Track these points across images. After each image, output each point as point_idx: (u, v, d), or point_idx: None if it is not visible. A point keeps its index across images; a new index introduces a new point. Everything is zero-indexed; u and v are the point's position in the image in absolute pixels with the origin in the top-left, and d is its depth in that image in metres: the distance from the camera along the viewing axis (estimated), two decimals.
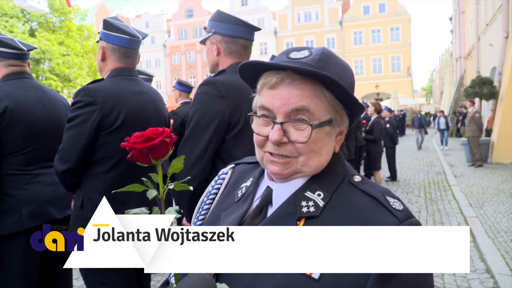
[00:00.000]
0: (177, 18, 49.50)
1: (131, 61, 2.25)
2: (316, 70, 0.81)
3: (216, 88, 1.96)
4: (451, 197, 7.84)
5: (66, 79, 25.62)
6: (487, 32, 16.60)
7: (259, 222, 0.88)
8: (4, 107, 2.22)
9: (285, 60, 0.87)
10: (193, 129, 1.95)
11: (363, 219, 0.79)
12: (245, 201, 0.95)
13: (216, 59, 2.16)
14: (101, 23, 2.23)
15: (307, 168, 0.87)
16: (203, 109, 1.95)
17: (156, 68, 49.08)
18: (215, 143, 1.94)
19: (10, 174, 2.28)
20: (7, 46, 2.38)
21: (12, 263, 2.26)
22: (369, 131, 8.42)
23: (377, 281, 0.72)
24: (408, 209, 0.82)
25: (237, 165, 1.12)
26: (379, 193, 0.84)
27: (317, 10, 43.99)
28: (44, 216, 2.32)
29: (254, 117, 0.91)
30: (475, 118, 11.86)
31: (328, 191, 0.86)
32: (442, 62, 48.18)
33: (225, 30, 2.10)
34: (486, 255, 4.58)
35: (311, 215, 0.82)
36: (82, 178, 2.09)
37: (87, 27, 27.99)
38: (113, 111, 2.05)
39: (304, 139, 0.84)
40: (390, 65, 42.05)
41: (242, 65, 0.89)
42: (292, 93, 0.83)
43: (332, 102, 0.86)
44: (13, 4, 23.80)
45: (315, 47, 0.91)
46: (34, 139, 2.34)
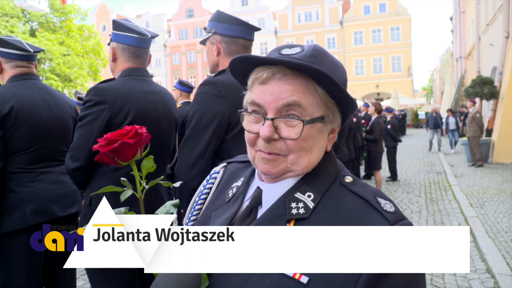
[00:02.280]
0: (178, 18, 49.49)
1: (142, 60, 2.28)
2: (307, 63, 0.79)
3: (216, 88, 1.96)
4: (452, 197, 7.83)
5: (66, 79, 25.60)
6: (487, 32, 16.59)
7: (249, 224, 0.86)
8: (10, 107, 2.27)
9: (277, 56, 0.85)
10: (193, 129, 1.95)
11: (353, 221, 0.78)
12: (236, 202, 0.94)
13: (216, 59, 2.17)
14: (101, 23, 2.25)
15: (296, 166, 0.85)
16: (203, 109, 1.95)
17: (156, 68, 49.09)
18: (215, 143, 1.95)
19: (15, 172, 2.32)
20: (14, 47, 2.43)
21: (15, 260, 2.29)
22: (369, 131, 8.42)
23: (366, 286, 0.71)
24: (400, 211, 0.80)
25: (229, 164, 1.10)
26: (370, 195, 0.82)
27: (317, 10, 43.97)
28: (47, 213, 2.36)
29: (245, 114, 0.89)
30: (476, 118, 11.86)
31: (318, 192, 0.84)
32: (443, 62, 48.16)
33: (225, 30, 2.11)
34: (487, 255, 4.58)
35: (301, 217, 0.81)
36: (92, 176, 2.11)
37: (88, 27, 27.94)
38: (122, 110, 2.07)
39: (295, 136, 0.82)
40: (391, 65, 42.02)
41: (233, 60, 0.87)
42: (283, 88, 0.82)
43: (324, 98, 0.84)
44: (13, 4, 23.80)
45: (308, 44, 0.89)
46: (39, 138, 2.39)
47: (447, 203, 7.39)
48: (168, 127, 2.32)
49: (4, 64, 2.45)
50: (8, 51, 2.43)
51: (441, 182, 9.53)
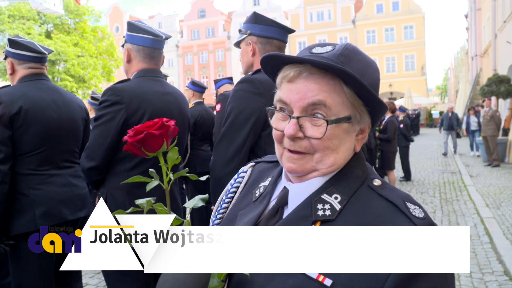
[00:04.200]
0: (190, 18, 49.74)
1: (156, 61, 2.29)
2: (334, 64, 0.79)
3: (253, 86, 2.01)
4: (467, 197, 7.71)
5: (80, 80, 25.97)
6: (504, 29, 16.28)
7: (274, 224, 0.86)
8: (18, 107, 2.26)
9: (307, 54, 0.86)
10: (230, 125, 1.99)
11: (380, 225, 0.76)
12: (262, 201, 0.94)
13: (251, 59, 2.21)
14: (115, 24, 2.27)
15: (322, 165, 0.84)
16: (240, 106, 1.99)
17: (169, 68, 49.42)
18: (252, 139, 1.99)
19: (25, 174, 2.31)
20: (28, 49, 2.43)
21: (27, 260, 2.30)
22: (382, 131, 8.35)
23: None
24: (429, 217, 0.78)
25: (257, 164, 1.11)
26: (399, 199, 0.81)
27: (329, 9, 43.74)
28: (56, 216, 2.35)
29: (274, 111, 0.90)
30: (495, 117, 11.64)
31: (346, 195, 0.83)
32: (457, 60, 47.45)
33: (261, 31, 2.15)
34: (504, 257, 4.49)
35: (327, 218, 0.80)
36: (106, 175, 2.13)
37: (101, 28, 28.29)
38: (138, 111, 2.10)
39: (320, 135, 0.81)
40: (404, 64, 41.57)
41: (262, 59, 0.89)
42: (309, 87, 0.81)
43: (351, 98, 0.83)
44: (29, 7, 24.23)
45: (340, 43, 0.88)
46: (48, 139, 2.38)
47: (463, 203, 7.28)
48: (182, 128, 2.33)
49: (16, 66, 2.45)
50: (21, 53, 2.42)
51: (456, 182, 9.38)
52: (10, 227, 2.26)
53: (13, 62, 2.45)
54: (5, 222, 2.25)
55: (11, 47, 2.43)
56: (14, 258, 2.32)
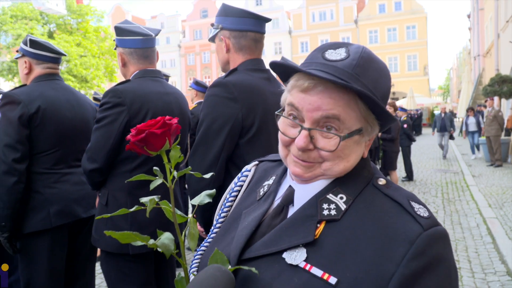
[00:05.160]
0: (192, 18, 49.80)
1: (150, 60, 2.29)
2: (351, 84, 0.77)
3: (227, 90, 1.83)
4: (470, 197, 7.69)
5: (83, 80, 26.02)
6: (507, 29, 16.22)
7: (279, 222, 0.86)
8: (37, 106, 2.31)
9: (320, 60, 0.83)
10: (204, 135, 1.83)
11: (385, 224, 0.76)
12: (267, 200, 0.93)
13: (226, 56, 2.03)
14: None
15: (331, 172, 0.84)
16: (213, 113, 1.83)
17: (171, 68, 49.49)
18: (228, 149, 1.82)
19: (40, 173, 2.35)
20: (47, 49, 2.49)
21: (38, 259, 2.33)
22: (386, 130, 8.33)
23: None
24: (433, 216, 0.78)
25: (261, 163, 1.10)
26: (404, 198, 0.81)
27: (332, 9, 43.72)
28: (70, 214, 2.39)
29: (281, 116, 0.88)
30: (498, 117, 11.61)
31: (351, 195, 0.83)
32: (460, 60, 47.35)
33: (233, 24, 1.96)
34: (507, 257, 4.48)
35: (332, 218, 0.80)
36: (108, 176, 2.13)
37: (104, 28, 28.35)
38: (140, 112, 2.08)
39: (332, 148, 0.80)
40: (406, 64, 41.50)
41: (271, 65, 0.88)
42: (324, 100, 0.79)
43: (365, 113, 0.82)
44: (32, 7, 24.30)
45: (354, 45, 0.85)
46: (63, 138, 2.42)
47: (465, 203, 7.26)
48: (183, 128, 2.34)
49: (34, 65, 2.49)
50: (40, 53, 2.47)
51: (458, 182, 9.37)
52: (24, 225, 2.29)
53: (30, 62, 2.49)
54: (19, 220, 2.28)
55: (31, 47, 2.47)
56: (24, 256, 2.34)
